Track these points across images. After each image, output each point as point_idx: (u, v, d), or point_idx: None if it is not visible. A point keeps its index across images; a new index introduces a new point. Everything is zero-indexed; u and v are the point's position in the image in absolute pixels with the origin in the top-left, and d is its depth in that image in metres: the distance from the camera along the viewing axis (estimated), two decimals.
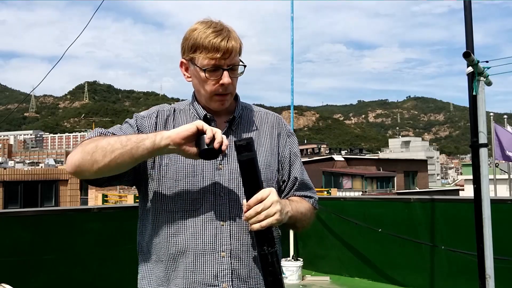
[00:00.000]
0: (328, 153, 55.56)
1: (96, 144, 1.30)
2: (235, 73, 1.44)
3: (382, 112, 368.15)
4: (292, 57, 7.36)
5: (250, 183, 1.31)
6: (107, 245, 5.09)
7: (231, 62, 1.41)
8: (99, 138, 1.34)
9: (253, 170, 1.30)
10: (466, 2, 3.52)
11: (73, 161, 1.32)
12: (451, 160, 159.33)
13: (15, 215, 4.99)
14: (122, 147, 1.28)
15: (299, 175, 1.57)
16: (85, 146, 1.33)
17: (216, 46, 1.37)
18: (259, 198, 1.29)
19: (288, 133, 1.61)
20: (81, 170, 1.32)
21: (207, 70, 1.39)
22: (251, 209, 1.29)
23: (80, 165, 1.31)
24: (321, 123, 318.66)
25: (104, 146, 1.29)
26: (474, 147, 3.36)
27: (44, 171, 18.57)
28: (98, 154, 1.28)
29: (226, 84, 1.41)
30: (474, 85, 3.31)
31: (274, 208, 1.30)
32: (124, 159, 1.28)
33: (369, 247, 6.26)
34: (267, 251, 1.30)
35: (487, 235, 3.22)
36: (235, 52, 1.41)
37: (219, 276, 1.36)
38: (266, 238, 1.31)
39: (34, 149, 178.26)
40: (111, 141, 1.30)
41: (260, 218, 1.28)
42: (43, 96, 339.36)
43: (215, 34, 1.38)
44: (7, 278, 3.77)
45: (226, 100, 1.46)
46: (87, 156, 1.30)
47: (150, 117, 1.49)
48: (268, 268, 1.30)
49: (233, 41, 1.40)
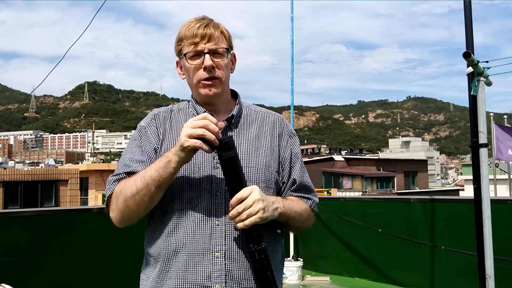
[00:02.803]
0: (328, 153, 55.59)
1: (124, 199, 1.39)
2: (219, 57, 1.46)
3: (382, 112, 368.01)
4: (292, 57, 7.36)
5: (232, 182, 1.33)
6: (107, 245, 5.09)
7: (212, 47, 1.44)
8: (121, 189, 1.40)
9: (234, 169, 1.31)
10: (466, 2, 3.52)
11: (118, 220, 1.44)
12: (451, 160, 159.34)
13: (15, 215, 5.00)
14: (147, 192, 1.35)
15: (298, 177, 1.56)
16: (116, 203, 1.41)
17: (194, 32, 1.43)
18: (239, 198, 1.31)
19: (290, 134, 1.59)
20: (130, 221, 1.44)
21: (189, 56, 1.44)
22: (233, 209, 1.31)
23: (125, 219, 1.43)
24: (321, 123, 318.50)
25: (133, 198, 1.37)
26: (474, 147, 3.36)
27: (44, 171, 18.57)
28: (133, 206, 1.38)
29: (208, 66, 1.43)
30: (474, 85, 3.31)
31: (256, 207, 1.30)
32: (155, 196, 1.38)
33: (369, 247, 6.26)
34: (253, 248, 1.31)
35: (487, 235, 3.22)
36: (214, 37, 1.44)
37: (213, 276, 1.35)
38: (251, 236, 1.32)
39: (34, 149, 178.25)
40: (133, 190, 1.37)
41: (242, 218, 1.30)
42: (43, 96, 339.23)
43: (195, 22, 1.46)
44: (7, 278, 3.77)
45: (214, 86, 1.46)
46: (125, 210, 1.40)
47: (150, 124, 1.52)
48: (256, 265, 1.32)
49: (212, 27, 1.45)
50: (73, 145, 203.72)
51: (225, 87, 1.52)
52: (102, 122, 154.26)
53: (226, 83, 1.51)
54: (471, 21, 3.49)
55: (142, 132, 1.51)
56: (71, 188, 17.89)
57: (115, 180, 1.44)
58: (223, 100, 1.53)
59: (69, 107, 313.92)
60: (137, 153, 1.47)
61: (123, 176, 1.43)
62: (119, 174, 1.45)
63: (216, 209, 1.39)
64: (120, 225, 1.45)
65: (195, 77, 1.46)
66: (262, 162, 1.47)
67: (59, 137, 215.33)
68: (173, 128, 1.50)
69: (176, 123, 1.51)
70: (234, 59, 1.56)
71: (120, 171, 1.45)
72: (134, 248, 1.54)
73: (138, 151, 1.47)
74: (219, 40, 1.46)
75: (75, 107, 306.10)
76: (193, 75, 1.46)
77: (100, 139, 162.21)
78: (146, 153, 1.46)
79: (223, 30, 1.49)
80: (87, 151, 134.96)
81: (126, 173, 1.43)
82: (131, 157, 1.47)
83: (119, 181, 1.43)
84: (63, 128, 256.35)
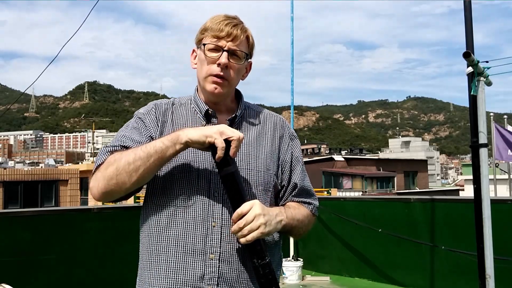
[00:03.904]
0: (328, 153, 55.60)
1: (117, 167, 1.31)
2: (236, 60, 1.44)
3: (382, 112, 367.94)
4: (292, 57, 7.35)
5: (233, 198, 1.31)
6: (107, 245, 5.08)
7: (233, 47, 1.42)
8: (115, 159, 1.34)
9: (234, 184, 1.30)
10: (466, 2, 3.52)
11: (99, 189, 1.34)
12: (451, 160, 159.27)
13: (15, 215, 4.99)
14: (144, 163, 1.30)
15: (299, 181, 1.54)
16: (104, 171, 1.34)
17: (221, 27, 1.42)
18: (239, 214, 1.30)
19: (291, 136, 1.57)
20: (110, 195, 1.36)
21: (208, 47, 1.43)
22: (234, 225, 1.30)
23: (107, 191, 1.34)
24: (321, 123, 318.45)
25: (126, 167, 1.30)
26: (474, 147, 3.36)
27: (44, 171, 18.55)
28: (123, 176, 1.31)
29: (223, 64, 1.41)
30: (474, 85, 3.31)
31: (258, 222, 1.29)
32: (150, 171, 1.32)
33: (369, 247, 6.26)
34: (257, 263, 1.31)
35: (487, 235, 3.22)
36: (239, 39, 1.43)
37: (205, 278, 1.34)
38: (254, 250, 1.31)
39: (34, 149, 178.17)
40: (130, 159, 1.31)
41: (244, 233, 1.29)
42: (43, 96, 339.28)
43: (225, 18, 1.44)
44: (7, 278, 3.77)
45: (221, 85, 1.44)
46: (111, 181, 1.32)
47: (149, 112, 1.49)
48: (261, 280, 1.31)
49: (240, 29, 1.43)
50: (73, 145, 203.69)
51: (231, 90, 1.50)
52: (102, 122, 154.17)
53: (233, 86, 1.49)
54: (471, 21, 3.49)
55: (140, 118, 1.47)
56: (71, 188, 17.89)
57: (109, 151, 1.39)
58: (225, 102, 1.51)
59: (69, 107, 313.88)
60: (134, 133, 1.43)
61: (118, 148, 1.39)
62: (115, 146, 1.40)
63: (213, 209, 1.37)
64: (99, 197, 1.38)
65: (207, 70, 1.44)
66: (262, 164, 1.45)
67: (59, 137, 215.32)
68: (174, 122, 1.47)
69: (177, 117, 1.49)
70: (249, 67, 1.55)
71: (115, 143, 1.40)
72: (134, 248, 1.53)
73: (135, 132, 1.43)
74: (242, 44, 1.44)
75: (75, 107, 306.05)
76: (205, 68, 1.44)
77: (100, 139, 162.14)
78: (143, 135, 1.42)
79: (249, 36, 1.48)
80: (87, 151, 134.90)
81: (122, 146, 1.39)
82: (128, 135, 1.42)
83: (112, 152, 1.38)
84: (63, 128, 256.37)
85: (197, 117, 1.49)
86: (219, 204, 1.38)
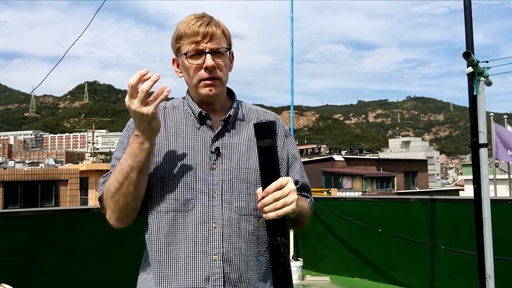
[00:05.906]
0: (328, 153, 55.61)
1: (114, 199, 1.34)
2: (220, 57, 1.43)
3: (382, 112, 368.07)
4: (292, 57, 7.36)
5: (268, 171, 1.23)
6: (107, 245, 5.08)
7: (214, 46, 1.41)
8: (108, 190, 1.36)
9: (272, 157, 1.23)
10: (466, 2, 3.52)
11: (114, 222, 1.40)
12: (451, 160, 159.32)
13: (15, 215, 4.99)
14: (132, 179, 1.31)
15: (300, 178, 1.54)
16: (109, 203, 1.37)
17: (195, 30, 1.39)
18: (279, 185, 1.22)
19: (285, 133, 1.56)
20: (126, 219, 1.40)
21: (189, 55, 1.41)
22: (269, 196, 1.21)
23: (121, 219, 1.39)
24: (321, 123, 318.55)
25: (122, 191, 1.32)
26: (474, 147, 3.36)
27: (44, 171, 18.53)
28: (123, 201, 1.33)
29: (210, 67, 1.39)
30: (474, 85, 3.31)
31: (292, 197, 1.23)
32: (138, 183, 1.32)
33: (369, 247, 6.26)
34: (280, 241, 1.22)
35: (487, 235, 3.22)
36: (216, 36, 1.41)
37: (211, 279, 1.33)
38: (280, 228, 1.23)
39: (34, 149, 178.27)
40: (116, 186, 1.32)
41: (277, 206, 1.20)
42: (43, 96, 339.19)
43: (195, 20, 1.41)
44: (7, 278, 3.77)
45: (215, 86, 1.43)
46: (118, 211, 1.36)
47: None
48: (280, 259, 1.22)
49: (214, 26, 1.41)
50: (73, 145, 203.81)
51: (224, 87, 1.49)
52: (102, 122, 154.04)
53: (225, 83, 1.48)
54: (471, 21, 3.49)
55: (129, 129, 1.46)
56: (71, 188, 17.87)
57: (103, 181, 1.41)
58: (221, 100, 1.50)
59: (69, 107, 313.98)
60: (122, 151, 1.42)
61: (109, 176, 1.40)
62: (107, 175, 1.42)
63: (213, 211, 1.36)
64: (118, 224, 1.41)
65: (196, 77, 1.42)
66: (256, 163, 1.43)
67: (59, 137, 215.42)
68: (167, 127, 1.46)
69: (170, 121, 1.47)
70: (232, 57, 1.53)
71: (111, 169, 1.43)
72: (134, 248, 1.52)
73: (123, 149, 1.42)
74: (220, 40, 1.42)
75: (75, 107, 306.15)
76: (193, 75, 1.43)
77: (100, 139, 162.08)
78: None
79: (224, 29, 1.46)
80: (87, 151, 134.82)
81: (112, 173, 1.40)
82: (117, 156, 1.44)
83: (106, 182, 1.40)
84: (63, 128, 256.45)
85: (191, 119, 1.47)
86: (219, 205, 1.37)
